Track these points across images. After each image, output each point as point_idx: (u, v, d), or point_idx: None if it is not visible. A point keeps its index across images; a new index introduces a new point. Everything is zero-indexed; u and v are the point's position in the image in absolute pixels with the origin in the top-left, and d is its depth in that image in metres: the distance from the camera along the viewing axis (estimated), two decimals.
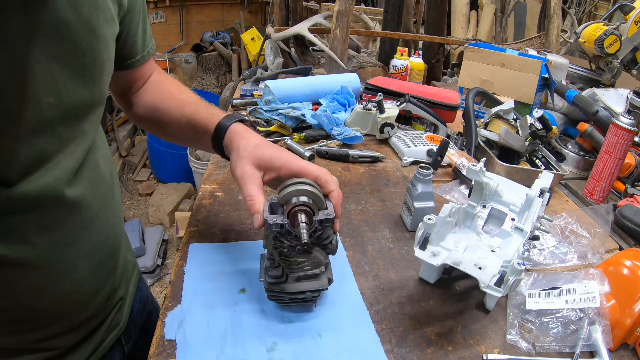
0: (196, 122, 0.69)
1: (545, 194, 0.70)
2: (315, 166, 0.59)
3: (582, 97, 1.14)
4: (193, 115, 0.69)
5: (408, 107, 1.20)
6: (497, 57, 1.34)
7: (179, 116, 0.71)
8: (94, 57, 0.52)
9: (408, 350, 0.58)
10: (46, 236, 0.52)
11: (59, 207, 0.52)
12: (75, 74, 0.50)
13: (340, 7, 1.59)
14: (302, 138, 1.14)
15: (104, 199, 0.61)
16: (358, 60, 1.90)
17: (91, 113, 0.56)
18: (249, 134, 0.64)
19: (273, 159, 0.59)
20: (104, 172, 0.62)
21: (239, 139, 0.63)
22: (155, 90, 0.75)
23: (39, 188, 0.49)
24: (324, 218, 0.54)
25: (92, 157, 0.58)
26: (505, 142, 1.04)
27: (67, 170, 0.52)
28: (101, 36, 0.53)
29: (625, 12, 1.25)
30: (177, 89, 0.75)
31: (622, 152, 0.92)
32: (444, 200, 0.93)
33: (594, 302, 0.59)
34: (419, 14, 2.62)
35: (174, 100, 0.73)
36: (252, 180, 0.57)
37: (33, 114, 0.47)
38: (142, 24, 0.68)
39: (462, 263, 0.58)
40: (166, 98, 0.73)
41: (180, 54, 4.34)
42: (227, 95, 1.63)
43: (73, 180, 0.54)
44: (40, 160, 0.49)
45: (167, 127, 0.74)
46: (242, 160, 0.59)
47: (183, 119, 0.70)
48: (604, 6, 3.34)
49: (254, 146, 0.60)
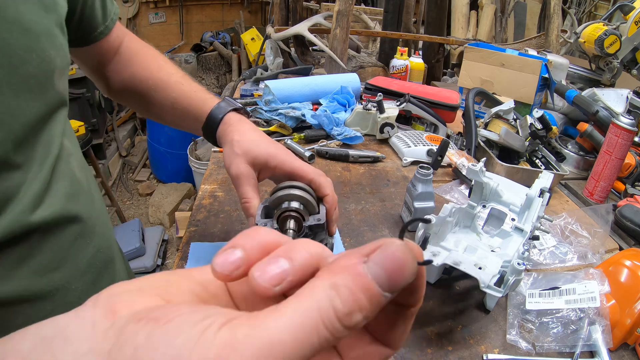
0: (183, 108, 0.63)
1: (545, 194, 0.70)
2: (311, 168, 0.56)
3: (582, 97, 1.14)
4: (179, 100, 0.64)
5: (408, 107, 1.20)
6: (497, 57, 1.34)
7: (162, 98, 0.65)
8: (37, 61, 0.44)
9: (408, 350, 0.58)
10: (25, 267, 0.46)
11: (30, 236, 0.46)
12: (19, 89, 0.42)
13: (340, 7, 1.59)
14: (302, 138, 1.14)
15: (85, 209, 0.54)
16: (358, 60, 1.90)
17: (52, 120, 0.49)
18: (243, 126, 0.60)
19: (269, 159, 0.56)
20: (80, 179, 0.54)
21: (233, 131, 0.59)
22: (130, 65, 0.66)
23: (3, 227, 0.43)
24: (314, 224, 0.52)
25: (62, 165, 0.51)
26: (505, 142, 1.04)
27: (32, 195, 0.45)
28: (41, 32, 0.44)
29: (625, 12, 1.25)
30: (155, 64, 0.67)
31: (622, 152, 0.92)
32: (444, 200, 0.93)
33: (594, 302, 0.59)
34: (419, 14, 2.62)
35: (154, 80, 0.65)
36: (248, 180, 0.55)
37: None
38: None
39: (462, 263, 0.58)
40: (145, 78, 0.65)
41: (180, 54, 4.34)
42: (227, 95, 1.63)
43: (43, 201, 0.47)
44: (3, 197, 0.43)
45: (149, 108, 0.67)
46: (237, 158, 0.56)
47: (167, 102, 0.64)
48: (604, 6, 3.34)
49: (249, 142, 0.57)
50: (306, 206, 0.53)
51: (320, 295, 0.16)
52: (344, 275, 0.17)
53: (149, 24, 4.34)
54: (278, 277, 0.18)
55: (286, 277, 0.18)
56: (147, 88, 0.65)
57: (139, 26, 4.31)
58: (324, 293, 0.17)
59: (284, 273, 0.18)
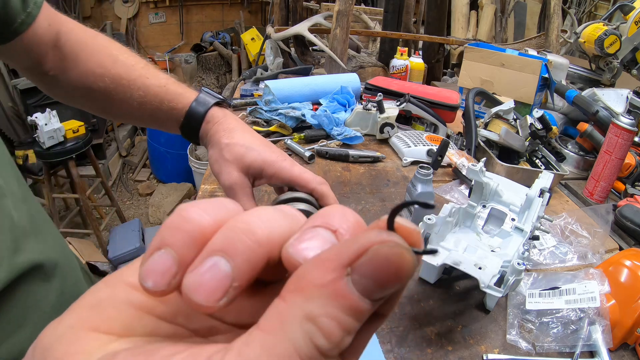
0: (154, 107, 0.55)
1: (545, 194, 0.70)
2: (311, 176, 0.49)
3: (582, 97, 1.14)
4: (148, 98, 0.55)
5: (408, 107, 1.20)
6: (497, 57, 1.34)
7: (125, 98, 0.55)
8: None
9: (408, 350, 0.58)
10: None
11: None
12: None
13: (340, 7, 1.59)
14: (302, 138, 1.14)
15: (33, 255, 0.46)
16: (358, 60, 1.90)
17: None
18: (230, 124, 0.53)
19: (265, 166, 0.50)
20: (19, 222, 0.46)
21: (219, 131, 0.52)
22: (78, 62, 0.55)
23: None
24: None
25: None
26: (505, 142, 1.04)
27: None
28: None
29: (625, 12, 1.25)
30: (109, 58, 0.55)
31: (622, 152, 0.92)
32: (444, 200, 0.93)
33: (594, 302, 0.59)
34: (419, 14, 2.62)
35: (111, 78, 0.55)
36: (243, 190, 0.50)
37: None
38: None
39: (462, 263, 0.58)
40: (99, 76, 0.55)
41: (180, 54, 4.34)
42: (227, 95, 1.63)
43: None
44: None
45: (110, 109, 0.58)
46: (227, 165, 0.50)
47: (132, 101, 0.55)
48: (604, 6, 3.34)
49: (240, 146, 0.51)
50: None
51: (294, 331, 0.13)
52: (321, 301, 0.13)
53: (149, 24, 4.34)
54: (219, 289, 0.14)
55: (230, 285, 0.14)
56: (104, 88, 0.55)
57: (139, 26, 4.31)
58: (298, 327, 0.13)
59: (226, 280, 0.14)
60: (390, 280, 0.14)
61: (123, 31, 4.14)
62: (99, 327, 0.15)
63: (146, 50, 4.38)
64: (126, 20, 4.14)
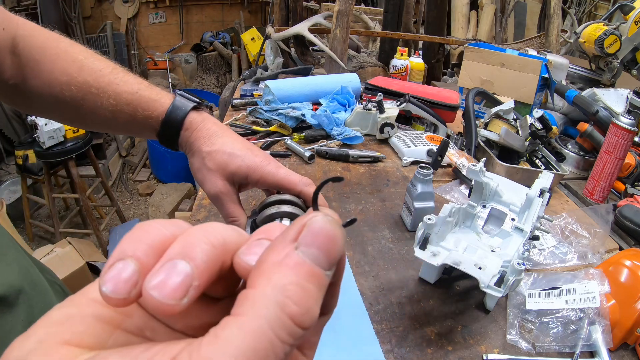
0: (128, 115, 0.52)
1: (545, 194, 0.70)
2: (298, 177, 0.48)
3: (582, 97, 1.14)
4: (120, 106, 0.51)
5: (408, 107, 1.20)
6: (497, 57, 1.34)
7: (95, 107, 0.51)
8: None
9: (408, 350, 0.58)
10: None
11: None
12: None
13: (340, 7, 1.59)
14: (302, 138, 1.14)
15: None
16: (358, 60, 1.90)
17: None
18: (210, 129, 0.50)
19: (249, 172, 0.48)
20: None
21: (199, 138, 0.50)
22: (40, 71, 0.51)
23: None
24: None
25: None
26: (505, 142, 1.04)
27: None
28: None
29: (625, 12, 1.25)
30: (74, 63, 0.51)
31: (622, 152, 0.92)
32: (444, 200, 0.93)
33: (594, 302, 0.59)
34: (419, 14, 2.62)
35: (78, 86, 0.51)
36: (230, 198, 0.49)
37: None
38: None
39: (462, 263, 0.58)
40: (65, 84, 0.51)
41: (180, 54, 4.34)
42: (227, 95, 1.63)
43: None
44: None
45: (82, 119, 0.55)
46: (210, 175, 0.49)
47: (103, 111, 0.51)
48: (604, 6, 3.34)
49: (222, 153, 0.49)
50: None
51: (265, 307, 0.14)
52: (284, 273, 0.15)
53: (149, 24, 4.34)
54: (180, 287, 0.15)
55: (190, 283, 0.15)
56: (71, 97, 0.51)
57: (139, 26, 4.31)
58: (268, 303, 0.15)
59: (187, 279, 0.15)
60: (330, 247, 0.16)
61: (123, 31, 4.14)
62: (70, 341, 0.15)
63: (146, 50, 4.38)
64: (126, 20, 4.14)
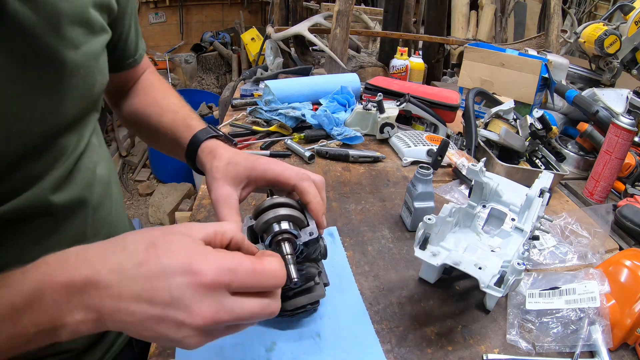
0: (171, 134, 0.64)
1: (545, 194, 0.70)
2: (293, 172, 0.53)
3: (582, 97, 1.14)
4: (169, 126, 0.65)
5: (408, 107, 1.20)
6: (497, 57, 1.34)
7: (157, 125, 0.67)
8: (82, 75, 0.50)
9: (408, 350, 0.58)
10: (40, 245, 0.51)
11: (48, 215, 0.51)
12: (63, 97, 0.49)
13: (340, 7, 1.59)
14: (302, 138, 1.14)
15: (101, 199, 0.60)
16: (358, 60, 1.90)
17: (85, 121, 0.55)
18: (220, 151, 0.59)
19: (249, 172, 0.55)
20: (99, 172, 0.60)
21: (211, 158, 0.58)
22: (141, 94, 0.72)
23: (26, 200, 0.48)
24: (308, 239, 0.50)
25: (86, 158, 0.57)
26: (505, 142, 1.04)
27: (55, 179, 0.51)
28: (88, 51, 0.51)
29: (625, 12, 1.25)
30: (162, 95, 0.71)
31: (622, 152, 0.92)
32: (444, 200, 0.93)
33: (594, 302, 0.59)
34: (419, 14, 2.62)
35: (155, 107, 0.69)
36: (227, 202, 0.53)
37: (21, 146, 0.46)
38: (134, 26, 0.67)
39: (462, 263, 0.58)
40: (149, 104, 0.70)
41: (180, 54, 4.34)
42: (227, 95, 1.63)
43: (62, 186, 0.53)
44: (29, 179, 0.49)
45: (148, 134, 0.71)
46: (216, 182, 0.55)
47: (160, 128, 0.66)
48: (604, 6, 3.34)
49: (226, 164, 0.56)
50: (295, 222, 0.50)
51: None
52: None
53: (149, 24, 4.34)
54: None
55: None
56: (148, 114, 0.68)
57: None
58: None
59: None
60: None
61: None
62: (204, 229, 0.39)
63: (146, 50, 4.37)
64: None
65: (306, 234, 0.51)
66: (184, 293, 0.34)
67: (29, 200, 0.49)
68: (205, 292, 0.35)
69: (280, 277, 0.39)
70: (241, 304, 0.37)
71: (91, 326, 0.36)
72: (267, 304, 0.39)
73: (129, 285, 0.35)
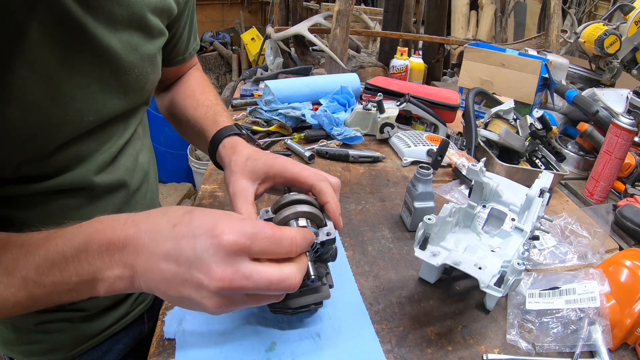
0: (199, 128, 0.68)
1: (545, 194, 0.70)
2: (311, 172, 0.54)
3: (582, 97, 1.14)
4: (200, 120, 0.68)
5: (408, 107, 1.20)
6: (497, 57, 1.34)
7: (190, 117, 0.71)
8: (137, 74, 0.55)
9: (408, 350, 0.58)
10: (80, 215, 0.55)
11: (89, 192, 0.56)
12: (117, 91, 0.54)
13: (340, 7, 1.59)
14: (302, 138, 1.14)
15: (140, 184, 0.66)
16: (358, 60, 1.90)
17: (133, 113, 0.60)
18: (240, 147, 0.60)
19: (267, 169, 0.55)
20: (141, 159, 0.66)
21: (231, 154, 0.60)
22: (183, 86, 0.77)
23: (72, 177, 0.53)
24: (325, 239, 0.50)
25: (131, 146, 0.62)
26: (505, 142, 1.04)
27: (100, 162, 0.56)
28: (145, 53, 0.55)
29: (625, 12, 1.25)
30: (201, 90, 0.75)
31: (622, 152, 0.92)
32: (444, 200, 0.93)
33: (594, 302, 0.59)
34: (419, 14, 2.62)
35: (192, 100, 0.72)
36: (243, 196, 0.54)
37: (73, 131, 0.50)
38: (189, 26, 0.72)
39: (462, 263, 0.58)
40: (186, 96, 0.74)
41: None
42: (227, 95, 1.63)
43: (106, 169, 0.58)
44: (77, 160, 0.53)
45: (180, 124, 0.75)
46: (234, 176, 0.56)
47: (192, 120, 0.70)
48: (604, 6, 3.34)
49: (245, 159, 0.57)
50: (314, 220, 0.51)
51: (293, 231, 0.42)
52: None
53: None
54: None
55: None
56: (183, 106, 0.73)
57: None
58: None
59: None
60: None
61: None
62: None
63: None
64: None
65: (324, 234, 0.51)
66: (206, 252, 0.37)
67: (74, 178, 0.53)
68: (225, 253, 0.37)
69: (298, 244, 0.41)
70: (259, 270, 0.38)
71: (127, 283, 0.39)
72: (287, 275, 0.40)
73: (162, 244, 0.38)
